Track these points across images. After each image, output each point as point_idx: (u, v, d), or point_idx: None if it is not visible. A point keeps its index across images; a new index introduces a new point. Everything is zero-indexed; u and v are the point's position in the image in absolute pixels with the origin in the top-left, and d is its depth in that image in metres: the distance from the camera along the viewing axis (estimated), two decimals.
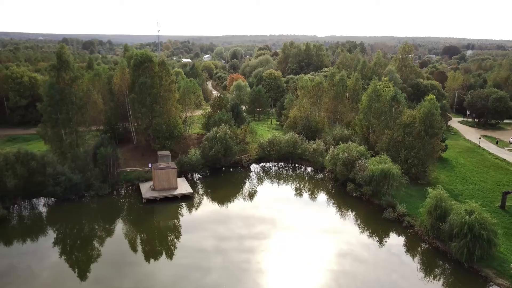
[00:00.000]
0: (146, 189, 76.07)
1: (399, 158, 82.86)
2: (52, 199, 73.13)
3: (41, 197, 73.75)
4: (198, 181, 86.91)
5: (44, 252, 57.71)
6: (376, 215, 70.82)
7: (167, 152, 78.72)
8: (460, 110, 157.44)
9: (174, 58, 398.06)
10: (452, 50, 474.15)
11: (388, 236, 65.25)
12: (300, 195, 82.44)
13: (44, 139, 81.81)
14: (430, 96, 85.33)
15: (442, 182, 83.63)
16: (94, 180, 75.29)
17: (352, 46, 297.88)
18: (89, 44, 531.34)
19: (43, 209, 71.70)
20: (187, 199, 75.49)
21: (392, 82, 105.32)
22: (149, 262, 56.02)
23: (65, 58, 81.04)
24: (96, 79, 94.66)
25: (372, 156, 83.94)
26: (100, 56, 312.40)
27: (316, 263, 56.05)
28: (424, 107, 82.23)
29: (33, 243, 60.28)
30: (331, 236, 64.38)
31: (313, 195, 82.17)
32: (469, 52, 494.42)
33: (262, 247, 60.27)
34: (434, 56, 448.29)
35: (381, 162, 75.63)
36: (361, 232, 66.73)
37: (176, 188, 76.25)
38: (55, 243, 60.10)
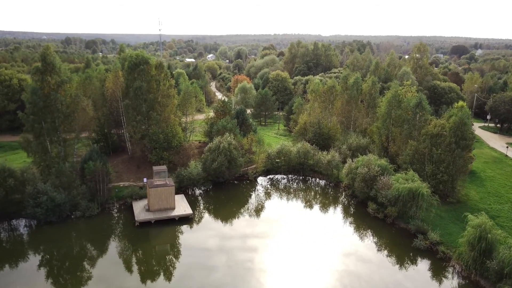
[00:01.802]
0: (139, 209, 66.99)
1: (425, 173, 73.50)
2: (35, 220, 64.30)
3: (22, 218, 65.05)
4: (199, 197, 77.68)
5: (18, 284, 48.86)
6: (404, 242, 61.28)
7: (164, 168, 69.46)
8: (479, 115, 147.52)
9: (177, 58, 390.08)
10: (461, 50, 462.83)
11: (421, 270, 55.61)
12: (314, 214, 72.80)
13: (27, 150, 72.93)
14: (460, 103, 76.06)
15: (473, 200, 74.44)
16: (80, 199, 66.34)
17: (361, 46, 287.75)
18: (92, 43, 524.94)
19: (24, 231, 62.91)
20: (186, 220, 66.40)
21: (415, 87, 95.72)
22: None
23: (50, 60, 72.40)
24: (87, 83, 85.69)
25: (394, 170, 74.75)
26: (101, 55, 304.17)
27: None
28: (454, 115, 72.65)
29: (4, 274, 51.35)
30: (354, 268, 54.98)
31: (328, 215, 72.70)
32: (479, 51, 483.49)
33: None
34: (442, 55, 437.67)
35: (407, 179, 66.26)
36: (389, 263, 56.97)
37: (173, 209, 67.16)
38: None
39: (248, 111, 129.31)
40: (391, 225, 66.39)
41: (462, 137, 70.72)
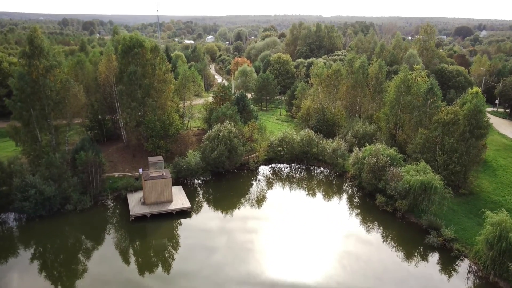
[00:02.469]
0: (135, 203, 63.24)
1: (436, 163, 69.55)
2: (25, 214, 60.59)
3: (10, 212, 61.40)
4: (198, 188, 73.95)
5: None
6: (415, 238, 57.71)
7: (160, 158, 65.35)
8: (488, 99, 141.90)
9: (176, 39, 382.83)
10: (465, 31, 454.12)
11: (434, 268, 52.05)
12: (318, 205, 69.17)
13: (15, 139, 68.79)
14: (475, 89, 71.69)
15: (486, 192, 70.69)
16: (72, 192, 62.46)
17: (364, 27, 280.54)
18: (89, 25, 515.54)
19: (13, 225, 59.38)
20: (184, 214, 62.74)
21: (425, 71, 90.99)
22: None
23: (38, 43, 67.54)
24: (79, 67, 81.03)
25: (403, 160, 70.83)
26: (97, 37, 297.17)
27: None
28: (469, 102, 68.31)
29: None
30: (362, 265, 51.53)
31: (333, 206, 69.02)
32: (483, 33, 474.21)
33: None
34: (445, 37, 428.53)
35: (418, 171, 62.35)
36: (398, 259, 53.44)
37: (171, 202, 63.42)
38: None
39: (249, 95, 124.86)
40: (401, 219, 62.74)
41: (477, 125, 66.50)
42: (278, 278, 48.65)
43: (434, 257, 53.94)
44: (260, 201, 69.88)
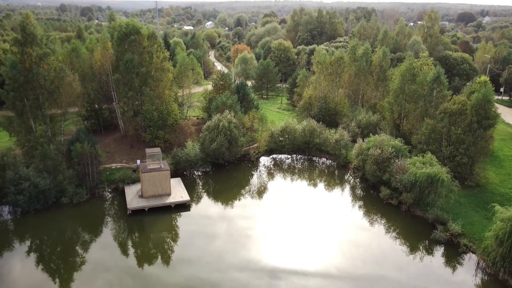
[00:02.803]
0: (132, 196, 61.46)
1: (441, 154, 67.60)
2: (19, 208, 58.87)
3: (4, 205, 59.65)
4: (198, 180, 72.15)
5: None
6: (420, 232, 56.06)
7: (157, 150, 63.32)
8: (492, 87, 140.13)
9: (175, 26, 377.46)
10: (467, 17, 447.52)
11: (440, 264, 50.41)
12: (320, 196, 67.44)
13: (9, 130, 66.72)
14: (483, 77, 69.36)
15: (493, 183, 68.88)
16: (67, 185, 60.64)
17: (366, 13, 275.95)
18: (87, 11, 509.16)
19: (8, 218, 57.79)
20: (183, 207, 61.02)
21: (431, 59, 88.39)
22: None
23: (31, 30, 64.98)
24: (74, 55, 78.51)
25: (408, 151, 68.87)
26: (96, 23, 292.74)
27: None
28: (477, 91, 66.05)
29: None
30: (365, 259, 49.96)
31: (336, 197, 67.26)
32: (486, 19, 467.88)
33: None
34: (447, 23, 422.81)
35: (424, 163, 60.40)
36: (402, 253, 51.84)
37: (169, 194, 61.64)
38: None
39: (249, 83, 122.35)
40: (406, 212, 61.01)
41: (485, 116, 64.40)
42: (278, 265, 48.94)
43: (441, 252, 52.31)
44: (261, 192, 68.25)
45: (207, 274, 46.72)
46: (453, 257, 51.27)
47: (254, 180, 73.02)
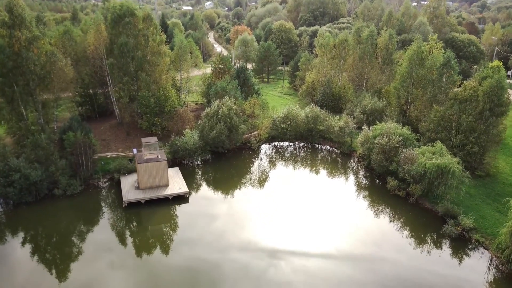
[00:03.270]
0: (128, 187, 58.83)
1: (450, 143, 64.78)
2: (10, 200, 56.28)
3: None
4: (197, 169, 69.45)
5: None
6: (429, 225, 53.57)
7: (154, 139, 60.25)
8: None
9: (174, 6, 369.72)
10: None
11: (450, 260, 48.07)
12: (323, 185, 64.88)
13: None
14: (496, 62, 65.89)
15: (503, 173, 66.38)
16: (60, 176, 57.92)
17: None
18: None
19: None
20: (182, 199, 58.49)
21: (441, 42, 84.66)
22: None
23: (19, 12, 61.58)
24: (67, 38, 74.92)
25: (416, 139, 66.01)
26: (92, 3, 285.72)
27: None
28: (490, 77, 62.76)
29: None
30: (372, 259, 47.66)
31: (340, 187, 64.63)
32: None
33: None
34: (451, 3, 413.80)
35: (434, 153, 57.56)
36: (410, 246, 49.38)
37: (167, 186, 59.02)
38: None
39: (249, 66, 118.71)
40: (414, 204, 58.44)
41: (498, 103, 61.28)
42: (279, 246, 49.01)
43: (450, 246, 49.92)
44: (262, 181, 65.82)
45: (208, 255, 46.62)
46: (464, 253, 48.93)
47: (256, 169, 70.38)
